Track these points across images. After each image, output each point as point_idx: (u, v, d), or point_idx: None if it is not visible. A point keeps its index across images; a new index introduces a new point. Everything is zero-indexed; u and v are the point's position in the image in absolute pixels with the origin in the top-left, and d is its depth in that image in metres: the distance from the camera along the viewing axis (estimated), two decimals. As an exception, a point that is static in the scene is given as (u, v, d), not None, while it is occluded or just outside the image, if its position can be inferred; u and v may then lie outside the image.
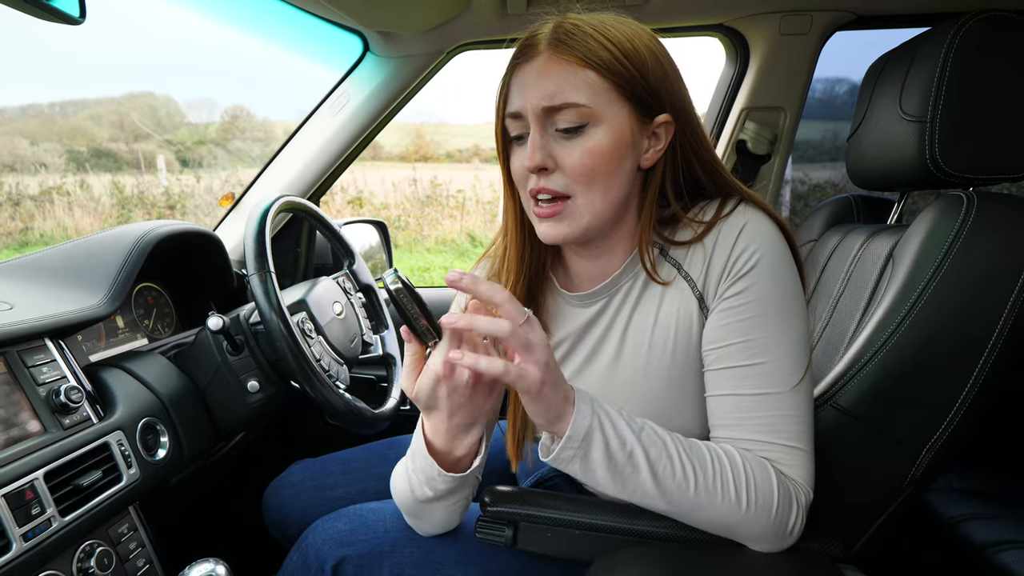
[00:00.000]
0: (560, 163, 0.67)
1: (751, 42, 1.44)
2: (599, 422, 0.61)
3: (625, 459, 0.61)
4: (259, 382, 1.08)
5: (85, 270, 0.99)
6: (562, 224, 0.69)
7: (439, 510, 0.73)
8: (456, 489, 0.71)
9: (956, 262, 0.74)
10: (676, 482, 0.62)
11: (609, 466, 0.61)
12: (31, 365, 0.80)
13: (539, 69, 0.66)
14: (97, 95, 9.25)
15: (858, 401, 0.75)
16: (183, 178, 7.62)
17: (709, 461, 0.63)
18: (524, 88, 0.67)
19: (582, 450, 0.61)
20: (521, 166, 0.69)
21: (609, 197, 0.69)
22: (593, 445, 0.60)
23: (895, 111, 0.89)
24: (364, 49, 1.44)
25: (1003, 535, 1.04)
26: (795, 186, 3.89)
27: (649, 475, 0.62)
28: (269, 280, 0.98)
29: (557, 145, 0.67)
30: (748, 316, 0.66)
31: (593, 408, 0.61)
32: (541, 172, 0.67)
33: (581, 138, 0.66)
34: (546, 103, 0.65)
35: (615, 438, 0.61)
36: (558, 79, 0.65)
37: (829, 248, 1.08)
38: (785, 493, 0.63)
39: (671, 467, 0.62)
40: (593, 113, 0.65)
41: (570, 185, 0.67)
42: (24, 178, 7.26)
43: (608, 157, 0.66)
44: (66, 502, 0.74)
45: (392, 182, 7.41)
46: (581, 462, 0.61)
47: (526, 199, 0.71)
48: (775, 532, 0.64)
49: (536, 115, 0.66)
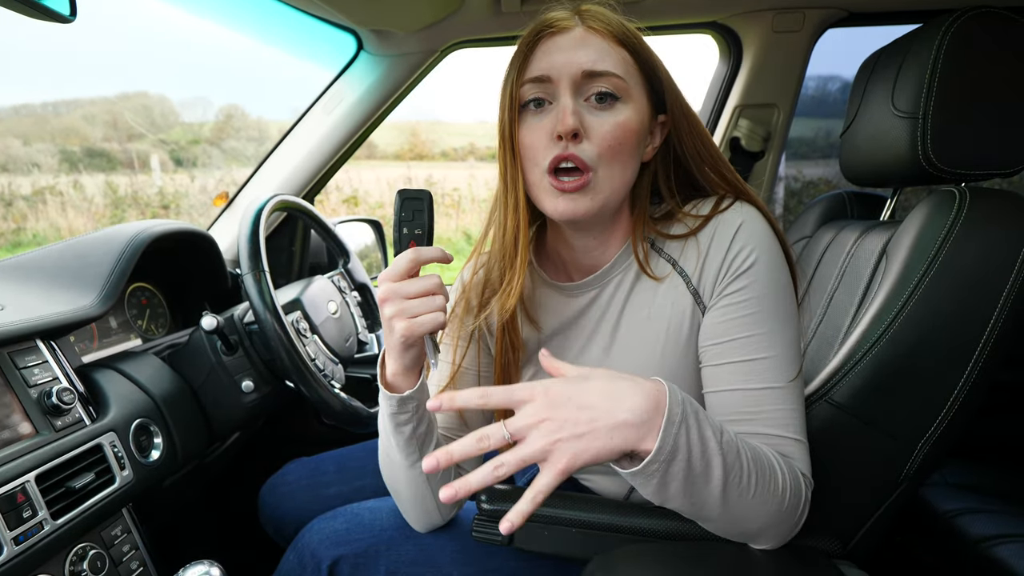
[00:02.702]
0: (590, 132, 0.66)
1: (744, 39, 1.44)
2: (686, 429, 0.54)
3: (702, 468, 0.55)
4: (254, 382, 1.08)
5: (77, 270, 0.98)
6: (584, 199, 0.67)
7: (401, 471, 0.74)
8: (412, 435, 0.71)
9: (949, 257, 0.74)
10: (740, 490, 0.58)
11: (686, 478, 0.55)
12: (23, 366, 0.80)
13: (578, 38, 0.67)
14: (90, 95, 9.21)
15: (853, 397, 0.75)
16: (177, 177, 7.58)
17: (765, 461, 0.60)
18: (559, 53, 0.66)
19: (663, 466, 0.54)
20: (539, 137, 0.67)
21: (625, 178, 0.69)
22: (677, 457, 0.54)
23: (887, 108, 0.89)
24: (358, 48, 1.43)
25: (999, 529, 1.05)
26: (788, 183, 3.90)
27: (720, 484, 0.57)
28: (263, 279, 0.98)
29: (588, 114, 0.67)
30: (750, 312, 0.66)
31: (683, 411, 0.55)
32: (573, 138, 0.66)
33: (613, 111, 0.67)
34: (588, 67, 0.65)
35: (698, 445, 0.55)
36: (599, 48, 0.66)
37: (823, 244, 1.09)
38: (799, 488, 0.64)
39: (740, 473, 0.57)
40: (627, 88, 0.67)
41: (595, 158, 0.66)
42: (17, 178, 7.21)
43: (633, 135, 0.67)
44: (58, 504, 0.73)
45: (387, 181, 7.39)
46: (659, 479, 0.55)
47: (539, 174, 0.68)
48: (790, 529, 0.64)
49: (573, 80, 0.66)
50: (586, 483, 0.87)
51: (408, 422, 0.70)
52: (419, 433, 0.71)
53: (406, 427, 0.70)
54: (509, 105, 0.69)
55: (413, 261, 0.62)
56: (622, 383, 0.54)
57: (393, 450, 0.73)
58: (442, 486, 0.72)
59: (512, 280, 0.73)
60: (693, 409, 0.56)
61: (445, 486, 0.53)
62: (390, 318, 0.63)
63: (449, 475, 0.76)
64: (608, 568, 0.64)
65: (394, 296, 0.62)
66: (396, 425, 0.70)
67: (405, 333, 0.62)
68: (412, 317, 0.62)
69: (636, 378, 0.55)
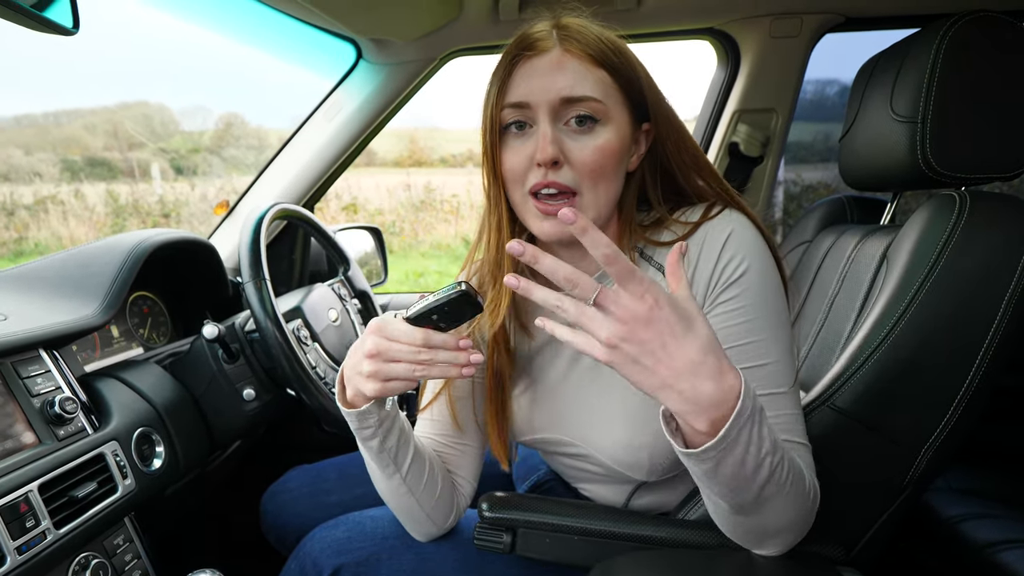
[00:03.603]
0: (570, 158, 0.66)
1: (742, 45, 1.45)
2: (751, 425, 0.51)
3: (754, 465, 0.53)
4: (255, 390, 1.08)
5: (79, 280, 0.99)
6: None
7: (382, 482, 0.73)
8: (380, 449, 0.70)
9: (950, 261, 0.74)
10: (778, 487, 0.55)
11: (738, 470, 0.53)
12: (25, 376, 0.80)
13: (554, 62, 0.66)
14: (91, 104, 9.23)
15: (855, 402, 0.75)
16: (178, 186, 7.60)
17: (798, 463, 0.59)
18: (536, 78, 0.66)
19: (721, 454, 0.51)
20: (520, 161, 0.67)
21: (610, 195, 0.69)
22: (736, 450, 0.51)
23: (886, 112, 0.89)
24: (357, 56, 1.44)
25: (1003, 534, 1.04)
26: (788, 187, 3.90)
27: (764, 480, 0.54)
28: (264, 288, 0.98)
29: (567, 140, 0.67)
30: (745, 320, 0.66)
31: (753, 406, 0.52)
32: (552, 166, 0.66)
33: (592, 135, 0.66)
34: (566, 94, 0.65)
35: (756, 442, 0.52)
36: (576, 73, 0.66)
37: (823, 249, 1.09)
38: (816, 492, 0.63)
39: (782, 471, 0.55)
40: (606, 110, 0.66)
41: (578, 181, 0.67)
42: (19, 188, 7.23)
43: (614, 156, 0.67)
44: (61, 514, 0.73)
45: (386, 188, 7.40)
46: (713, 465, 0.52)
47: (522, 196, 0.69)
48: (802, 531, 0.64)
49: (551, 106, 0.66)
50: (585, 492, 0.87)
51: (372, 437, 0.68)
52: (388, 447, 0.70)
53: (372, 441, 0.69)
54: (491, 128, 0.69)
55: (419, 344, 0.60)
56: (711, 361, 0.50)
57: (370, 463, 0.73)
58: (429, 497, 0.72)
59: (497, 297, 0.73)
60: (759, 406, 0.53)
61: (508, 276, 0.50)
62: (369, 375, 0.61)
63: (434, 490, 0.75)
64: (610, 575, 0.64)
65: (385, 357, 0.61)
66: (362, 440, 0.70)
67: (375, 394, 0.62)
68: (389, 381, 0.61)
69: (723, 362, 0.51)
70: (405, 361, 0.60)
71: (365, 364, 0.61)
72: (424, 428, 0.82)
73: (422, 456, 0.74)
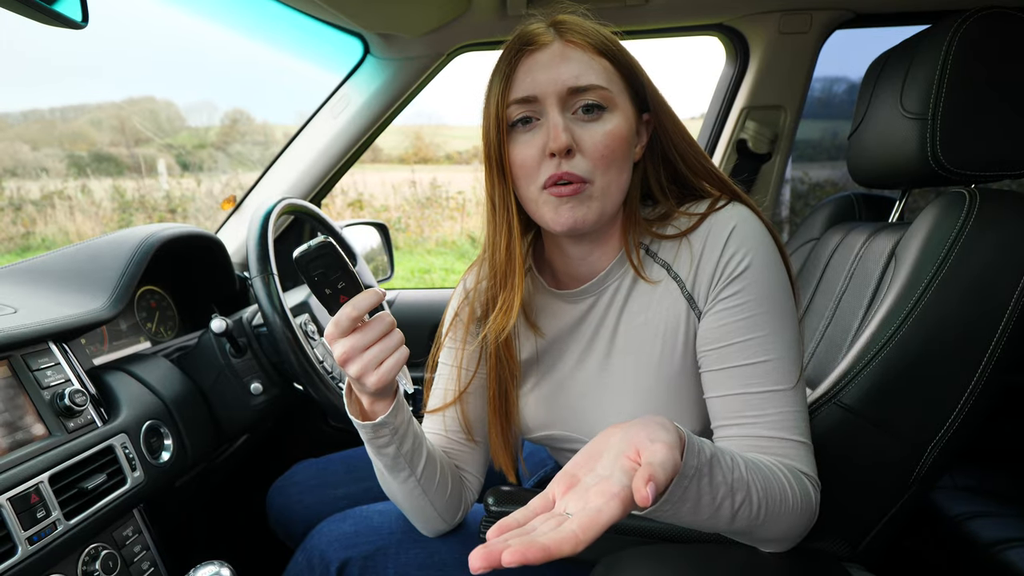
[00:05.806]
0: (582, 146, 0.67)
1: (751, 41, 1.44)
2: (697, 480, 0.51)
3: (711, 510, 0.54)
4: (262, 384, 1.08)
5: (88, 274, 0.99)
6: (582, 207, 0.67)
7: (393, 484, 0.73)
8: (396, 455, 0.69)
9: (959, 259, 0.74)
10: (749, 520, 0.57)
11: (693, 516, 0.54)
12: (35, 369, 0.80)
13: (557, 54, 0.67)
14: (98, 100, 9.27)
15: (862, 399, 0.75)
16: (184, 182, 7.62)
17: (776, 486, 0.59)
18: (541, 71, 0.67)
19: (674, 507, 0.51)
20: (531, 154, 0.67)
21: (620, 183, 0.70)
22: (686, 506, 0.52)
23: (896, 109, 0.89)
24: (364, 51, 1.44)
25: (1008, 533, 1.04)
26: (795, 185, 3.89)
27: (728, 518, 0.55)
28: (272, 282, 0.99)
29: (577, 128, 0.67)
30: (747, 315, 0.66)
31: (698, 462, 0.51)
32: (566, 155, 0.66)
33: (601, 121, 0.67)
34: (572, 83, 0.66)
35: (708, 492, 0.52)
36: (580, 62, 0.66)
37: (831, 246, 1.08)
38: (808, 495, 0.63)
39: (749, 507, 0.56)
40: (612, 97, 0.67)
41: (591, 169, 0.67)
42: (26, 183, 7.27)
43: (624, 142, 0.68)
44: (71, 505, 0.74)
45: (392, 184, 7.41)
46: (670, 516, 0.52)
47: (536, 191, 0.68)
48: (800, 534, 0.64)
49: (559, 97, 0.66)
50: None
51: (389, 444, 0.69)
52: (404, 451, 0.70)
53: (388, 449, 0.69)
54: (496, 126, 0.68)
55: (353, 316, 0.60)
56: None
57: (382, 469, 0.73)
58: (441, 496, 0.72)
59: (508, 299, 0.72)
60: (707, 457, 0.52)
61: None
62: (358, 376, 0.61)
63: (446, 489, 0.75)
64: (616, 570, 0.64)
65: (353, 352, 0.61)
66: (377, 449, 0.70)
67: (378, 383, 0.62)
68: (379, 365, 0.61)
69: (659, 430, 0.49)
70: (373, 340, 0.61)
71: (350, 369, 0.62)
72: (432, 425, 0.82)
73: (434, 456, 0.74)
